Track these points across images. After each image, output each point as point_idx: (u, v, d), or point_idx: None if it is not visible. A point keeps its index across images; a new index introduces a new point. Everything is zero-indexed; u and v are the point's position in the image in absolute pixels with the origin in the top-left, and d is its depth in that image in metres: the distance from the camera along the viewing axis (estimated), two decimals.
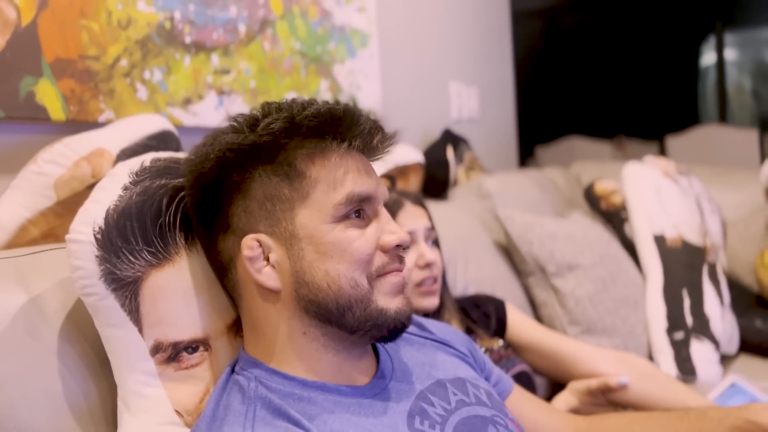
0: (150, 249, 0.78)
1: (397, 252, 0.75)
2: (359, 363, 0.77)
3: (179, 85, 1.40)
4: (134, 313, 0.77)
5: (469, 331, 1.26)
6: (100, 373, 0.82)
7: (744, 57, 6.88)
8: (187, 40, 1.42)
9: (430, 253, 1.17)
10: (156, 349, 0.78)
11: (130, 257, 0.77)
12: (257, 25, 1.60)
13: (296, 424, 0.66)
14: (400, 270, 0.75)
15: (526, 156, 4.09)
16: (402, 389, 0.76)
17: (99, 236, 0.76)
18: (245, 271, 0.73)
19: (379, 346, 0.82)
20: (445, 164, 1.91)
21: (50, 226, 1.03)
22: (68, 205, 1.03)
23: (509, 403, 0.92)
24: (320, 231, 0.71)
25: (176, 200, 0.82)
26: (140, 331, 0.77)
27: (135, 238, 0.78)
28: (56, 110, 1.18)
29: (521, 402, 0.95)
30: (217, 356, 0.81)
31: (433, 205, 1.51)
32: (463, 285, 1.49)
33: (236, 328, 0.84)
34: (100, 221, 0.77)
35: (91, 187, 1.04)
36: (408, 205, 1.19)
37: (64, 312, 0.83)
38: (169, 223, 0.81)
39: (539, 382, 1.39)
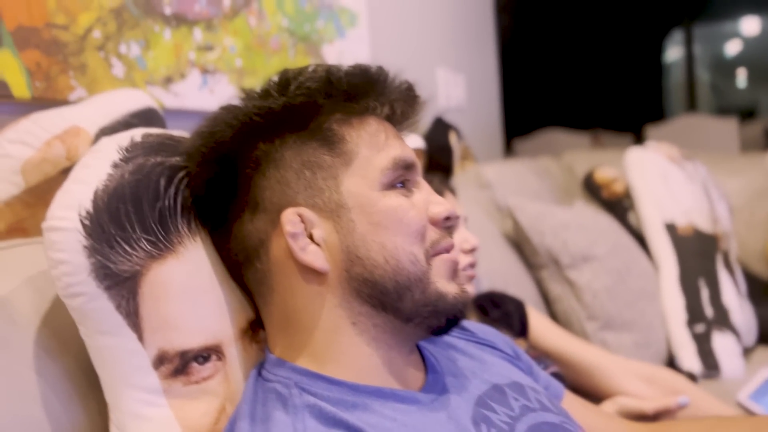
0: (149, 237, 0.64)
1: (446, 225, 0.66)
2: (409, 362, 0.66)
3: (159, 61, 1.25)
4: (132, 317, 0.62)
5: None
6: (87, 392, 0.67)
7: (703, 52, 7.06)
8: (167, 11, 1.26)
9: (473, 237, 1.09)
10: (160, 360, 0.63)
11: (126, 247, 0.62)
12: None
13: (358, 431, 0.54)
14: (453, 246, 0.66)
15: (504, 149, 4.00)
16: (458, 395, 0.65)
17: (87, 222, 0.61)
18: (283, 252, 0.61)
19: (423, 349, 0.70)
20: (448, 150, 1.80)
21: (17, 219, 0.87)
22: (39, 193, 0.88)
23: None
24: (371, 199, 0.62)
25: (175, 181, 0.68)
26: (140, 338, 0.63)
27: (131, 223, 0.63)
28: (20, 86, 1.02)
29: (575, 407, 0.84)
30: (232, 366, 0.67)
31: None
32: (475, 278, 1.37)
33: (251, 331, 0.70)
34: (87, 204, 0.62)
35: (65, 172, 0.89)
36: (441, 189, 1.10)
37: (38, 318, 0.68)
38: (170, 207, 0.67)
39: None
